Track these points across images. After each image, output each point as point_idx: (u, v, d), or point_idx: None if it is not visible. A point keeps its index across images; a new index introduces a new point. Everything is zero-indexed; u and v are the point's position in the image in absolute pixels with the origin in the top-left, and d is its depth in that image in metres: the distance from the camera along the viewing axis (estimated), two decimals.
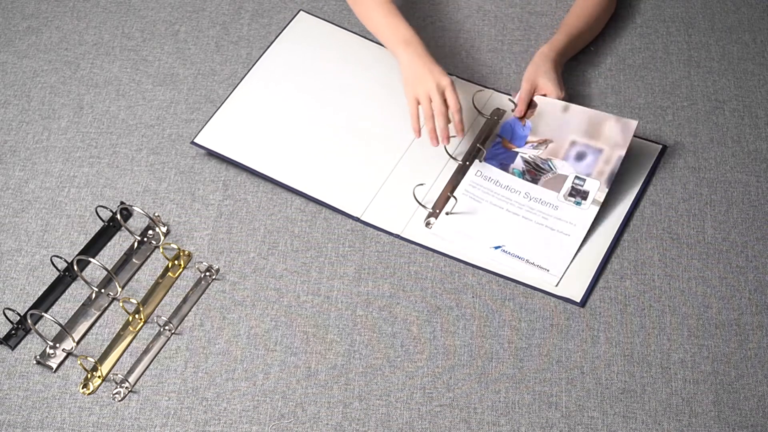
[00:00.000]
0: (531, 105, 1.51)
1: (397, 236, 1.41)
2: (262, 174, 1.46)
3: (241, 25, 1.68)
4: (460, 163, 1.47)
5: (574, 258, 1.38)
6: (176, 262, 1.40)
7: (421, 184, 1.44)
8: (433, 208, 1.43)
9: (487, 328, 1.33)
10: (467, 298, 1.36)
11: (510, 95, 1.55)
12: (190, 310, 1.36)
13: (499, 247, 1.39)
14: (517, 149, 1.48)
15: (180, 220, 1.45)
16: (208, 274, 1.39)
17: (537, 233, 1.41)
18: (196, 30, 1.68)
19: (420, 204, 1.43)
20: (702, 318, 1.33)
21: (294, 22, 1.64)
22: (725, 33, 1.65)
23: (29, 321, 1.32)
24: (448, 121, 1.44)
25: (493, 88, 1.56)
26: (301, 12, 1.66)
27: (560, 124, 1.49)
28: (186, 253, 1.41)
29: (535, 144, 1.48)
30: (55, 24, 1.70)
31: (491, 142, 1.49)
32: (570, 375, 1.29)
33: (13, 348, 1.33)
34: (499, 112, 1.53)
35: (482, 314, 1.34)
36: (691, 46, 1.63)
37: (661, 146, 1.50)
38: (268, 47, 1.61)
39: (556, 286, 1.36)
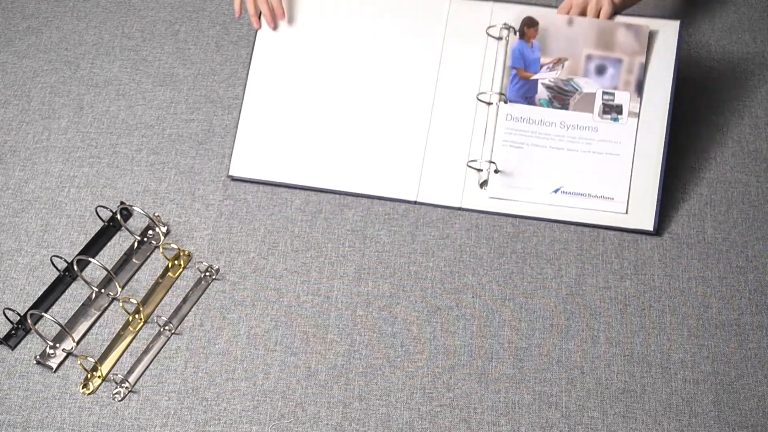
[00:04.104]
0: (532, 24, 1.47)
1: (458, 209, 1.43)
2: (307, 186, 1.44)
3: (241, 25, 1.68)
4: (488, 102, 1.45)
5: (631, 178, 1.40)
6: (176, 262, 1.40)
7: (474, 161, 1.43)
8: (480, 168, 1.43)
9: (487, 328, 1.33)
10: (467, 298, 1.36)
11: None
12: (190, 310, 1.36)
13: (557, 189, 1.41)
14: (534, 76, 1.46)
15: (180, 220, 1.45)
16: (208, 274, 1.39)
17: (587, 162, 1.41)
18: (196, 30, 1.68)
19: (471, 166, 1.43)
20: (702, 318, 1.33)
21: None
22: (725, 33, 1.65)
23: (29, 321, 1.32)
24: (270, 5, 1.51)
25: None
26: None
27: (569, 39, 1.46)
28: (186, 253, 1.41)
29: (551, 65, 1.45)
30: (55, 24, 1.70)
31: (508, 76, 1.46)
32: (570, 375, 1.29)
33: (13, 348, 1.33)
34: (510, 29, 1.48)
35: (482, 314, 1.34)
36: (691, 46, 1.63)
37: (678, 21, 1.46)
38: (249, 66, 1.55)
39: (626, 213, 1.38)
